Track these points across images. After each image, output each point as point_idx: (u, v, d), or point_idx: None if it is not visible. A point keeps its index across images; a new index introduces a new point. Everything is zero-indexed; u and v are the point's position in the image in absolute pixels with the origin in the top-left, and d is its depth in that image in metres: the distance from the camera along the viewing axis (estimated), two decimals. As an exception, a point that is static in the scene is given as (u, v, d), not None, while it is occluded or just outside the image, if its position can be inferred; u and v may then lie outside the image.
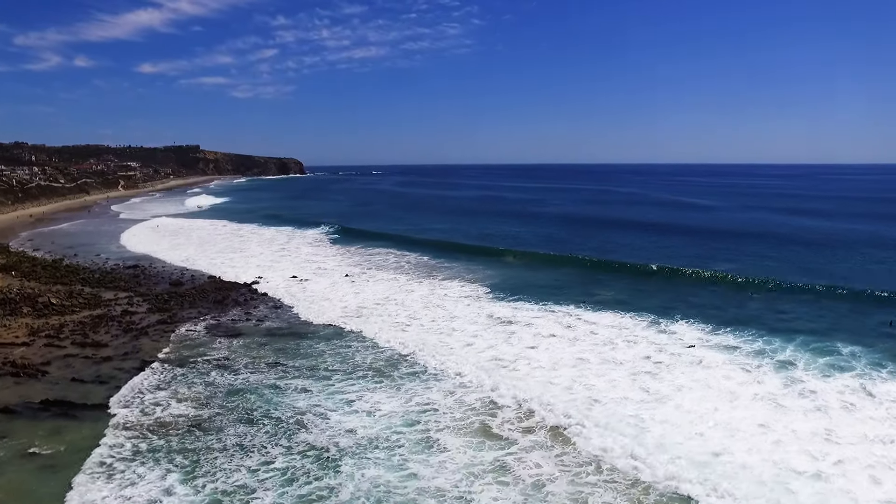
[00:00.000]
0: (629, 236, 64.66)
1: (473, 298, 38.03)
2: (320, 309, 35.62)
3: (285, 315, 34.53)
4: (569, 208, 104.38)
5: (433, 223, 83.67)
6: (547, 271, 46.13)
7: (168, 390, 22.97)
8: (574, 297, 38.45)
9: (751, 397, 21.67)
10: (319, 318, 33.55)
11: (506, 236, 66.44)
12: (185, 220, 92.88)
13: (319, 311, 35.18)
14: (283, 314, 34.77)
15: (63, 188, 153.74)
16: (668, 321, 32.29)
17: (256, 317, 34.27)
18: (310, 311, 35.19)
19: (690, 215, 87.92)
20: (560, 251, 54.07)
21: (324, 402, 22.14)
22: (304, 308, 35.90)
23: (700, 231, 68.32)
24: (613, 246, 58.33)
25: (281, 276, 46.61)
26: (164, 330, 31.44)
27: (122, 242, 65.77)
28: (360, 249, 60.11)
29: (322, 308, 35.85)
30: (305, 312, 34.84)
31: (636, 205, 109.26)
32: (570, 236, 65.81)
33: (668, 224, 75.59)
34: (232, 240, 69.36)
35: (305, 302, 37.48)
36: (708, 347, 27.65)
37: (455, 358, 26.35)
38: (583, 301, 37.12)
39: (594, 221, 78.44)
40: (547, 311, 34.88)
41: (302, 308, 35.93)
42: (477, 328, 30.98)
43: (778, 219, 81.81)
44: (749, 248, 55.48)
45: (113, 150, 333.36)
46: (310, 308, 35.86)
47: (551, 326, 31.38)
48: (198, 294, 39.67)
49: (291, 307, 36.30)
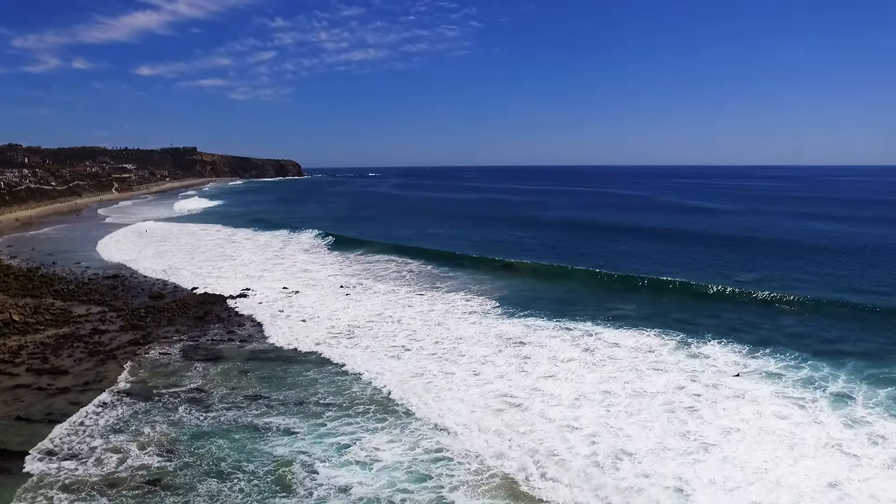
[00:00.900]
0: (640, 244, 61.25)
1: (480, 314, 34.69)
2: (311, 327, 32.26)
3: (272, 334, 31.13)
4: (573, 213, 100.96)
5: (434, 227, 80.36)
6: (558, 282, 42.80)
7: (126, 433, 19.60)
8: (590, 312, 35.15)
9: (813, 444, 18.33)
10: (309, 339, 30.17)
11: (511, 243, 63.11)
12: (176, 225, 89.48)
13: (309, 329, 31.82)
14: (269, 333, 31.38)
15: (54, 191, 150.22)
16: (697, 341, 29.02)
17: (240, 336, 30.90)
18: (299, 329, 31.82)
19: (701, 220, 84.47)
20: (569, 260, 50.73)
21: (311, 447, 18.79)
22: (293, 326, 32.53)
23: (714, 237, 64.75)
24: (624, 254, 54.93)
25: (271, 287, 43.27)
26: (135, 352, 28.07)
27: (105, 249, 62.34)
28: (357, 257, 56.83)
29: (313, 326, 32.49)
30: (294, 331, 31.47)
31: (643, 209, 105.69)
32: (578, 243, 62.49)
33: (678, 230, 71.99)
34: (223, 246, 66.05)
35: (295, 318, 34.12)
36: (748, 375, 24.35)
37: (459, 394, 22.95)
38: (600, 317, 33.83)
39: (601, 227, 74.90)
40: (562, 328, 31.57)
41: (291, 326, 32.56)
42: (486, 352, 27.61)
43: (793, 224, 78.44)
44: (769, 257, 52.13)
45: (109, 153, 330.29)
46: (299, 326, 32.50)
47: (568, 349, 28.05)
48: (178, 309, 36.30)
49: (279, 325, 32.91)
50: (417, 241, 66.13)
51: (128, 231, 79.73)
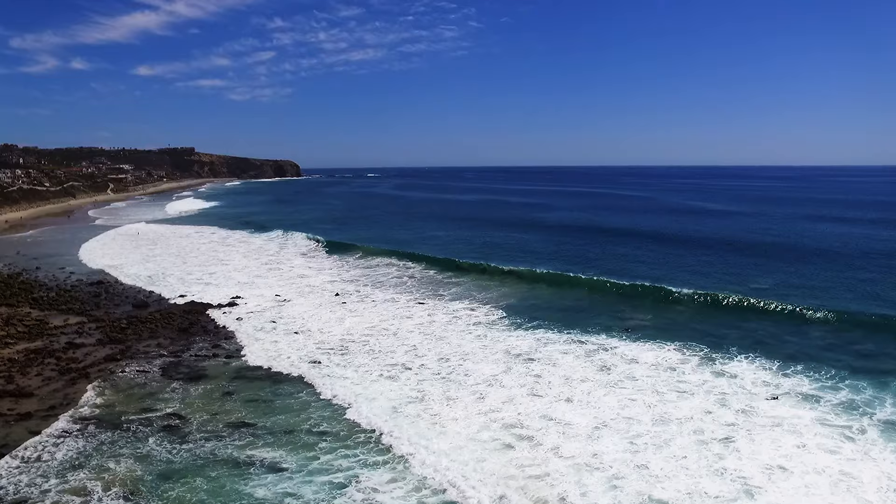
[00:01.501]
0: (648, 248, 58.77)
1: (486, 325, 32.38)
2: (302, 341, 29.91)
3: (260, 349, 28.79)
4: (576, 215, 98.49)
5: (434, 230, 78.07)
6: (566, 290, 40.44)
7: (88, 468, 17.28)
8: (603, 323, 32.87)
9: (872, 487, 16.02)
10: (300, 355, 27.86)
11: (514, 247, 60.77)
12: (169, 227, 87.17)
13: (301, 344, 29.48)
14: (257, 348, 29.02)
15: (47, 192, 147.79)
16: (722, 356, 26.80)
17: (226, 351, 28.57)
18: (290, 344, 29.48)
19: (709, 223, 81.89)
20: (577, 266, 48.37)
21: (301, 488, 16.50)
22: (284, 340, 30.18)
23: (724, 241, 62.24)
24: (632, 259, 52.44)
25: (263, 294, 40.97)
26: (111, 370, 25.74)
27: (91, 253, 59.94)
28: (355, 261, 54.54)
29: (304, 340, 30.14)
30: (285, 346, 29.14)
31: (647, 212, 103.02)
32: (584, 248, 60.10)
33: (687, 234, 69.34)
34: (216, 250, 63.72)
35: (286, 331, 31.78)
36: (784, 397, 22.06)
37: (462, 425, 20.60)
38: (614, 329, 31.56)
39: (606, 231, 72.25)
40: (574, 341, 29.28)
41: (281, 340, 30.22)
42: (493, 370, 25.28)
43: (803, 226, 76.12)
44: (784, 262, 49.77)
45: (106, 153, 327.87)
46: (290, 341, 30.15)
47: (583, 366, 25.75)
48: (162, 319, 33.97)
49: (268, 339, 30.57)
50: (418, 244, 63.88)
51: (117, 234, 77.36)
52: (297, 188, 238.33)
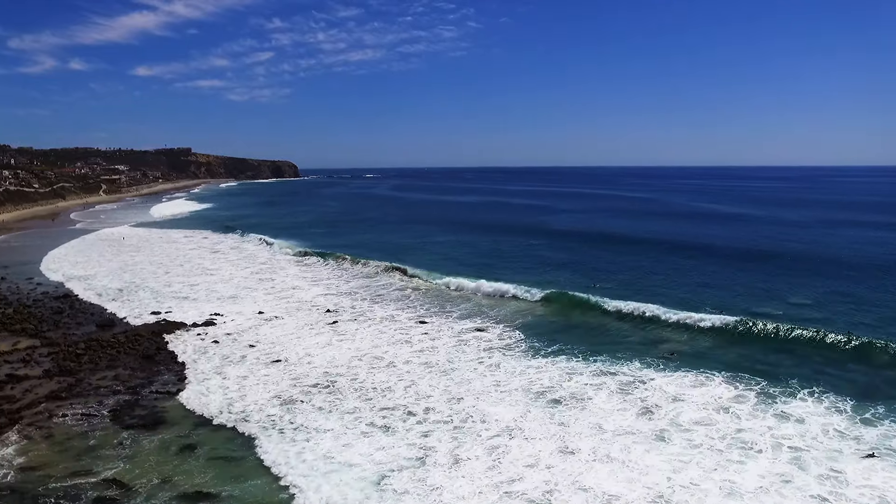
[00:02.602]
0: (668, 258, 53.64)
1: (500, 351, 28.04)
2: (279, 376, 25.42)
3: (234, 385, 24.42)
4: (584, 219, 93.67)
5: (436, 235, 73.73)
6: (587, 307, 35.93)
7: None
8: (633, 347, 28.63)
9: None
10: (276, 393, 23.51)
11: (524, 256, 56.33)
12: (157, 231, 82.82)
13: (278, 378, 25.01)
14: (231, 383, 24.67)
15: (35, 193, 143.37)
16: (781, 392, 22.67)
17: (192, 388, 24.19)
18: (265, 379, 25.02)
19: (727, 229, 76.43)
20: (594, 279, 43.90)
21: None
22: (255, 374, 25.74)
23: (748, 251, 56.78)
24: (652, 272, 47.36)
25: (246, 311, 36.66)
26: (51, 412, 21.42)
27: (65, 261, 55.53)
28: (352, 270, 50.14)
29: (281, 375, 25.66)
30: (253, 384, 24.66)
31: (658, 216, 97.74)
32: (598, 257, 55.33)
33: (706, 242, 63.73)
34: (203, 257, 59.37)
35: (262, 361, 27.33)
36: (879, 453, 17.76)
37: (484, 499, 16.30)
38: (647, 355, 27.31)
39: (620, 239, 66.15)
40: (604, 373, 24.99)
41: (252, 374, 25.77)
42: (512, 414, 20.93)
43: (825, 232, 71.59)
44: (819, 275, 44.47)
45: (102, 154, 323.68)
46: (266, 374, 25.71)
47: (619, 408, 21.44)
48: (126, 343, 29.61)
49: (237, 371, 26.14)
50: (419, 251, 59.62)
51: (98, 238, 72.92)
52: (294, 189, 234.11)
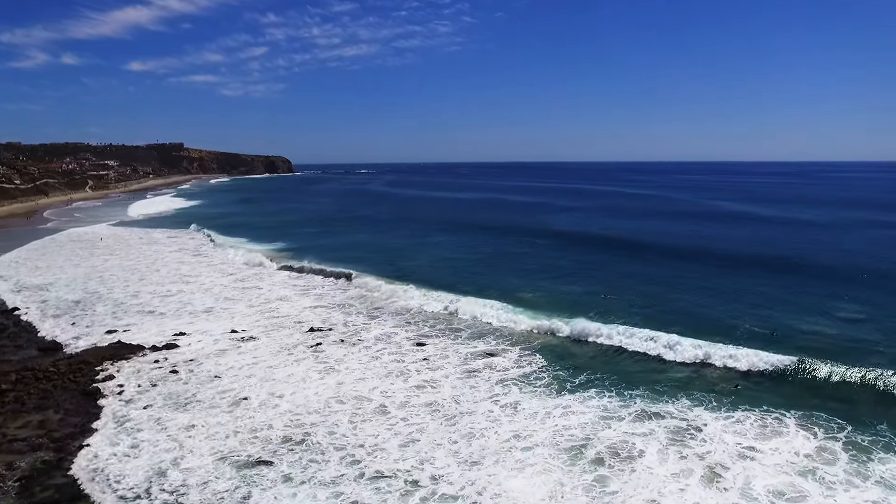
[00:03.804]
0: (691, 267, 46.55)
1: (518, 384, 23.14)
2: (236, 426, 20.30)
3: (175, 440, 19.28)
4: (586, 220, 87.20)
5: (435, 235, 68.63)
6: (613, 324, 30.99)
7: None
8: (676, 378, 23.80)
9: None
10: (228, 452, 18.46)
11: (530, 262, 51.11)
12: (138, 231, 77.47)
13: (229, 430, 19.80)
14: (172, 436, 19.54)
15: (16, 190, 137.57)
16: (872, 441, 18.14)
17: (130, 440, 19.14)
18: (220, 428, 19.87)
19: (744, 231, 69.97)
20: (609, 289, 38.54)
21: None
22: (214, 419, 20.63)
23: (773, 256, 49.90)
24: (679, 286, 39.80)
25: (218, 329, 31.65)
26: (-56, 482, 16.43)
27: (26, 266, 50.30)
28: (343, 281, 44.89)
29: (240, 421, 20.53)
30: (212, 432, 19.58)
31: (668, 217, 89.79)
32: (609, 264, 49.35)
33: (726, 246, 56.59)
34: (182, 261, 54.17)
35: (221, 401, 22.15)
36: None
37: None
38: (694, 389, 22.55)
39: (634, 244, 59.39)
40: (646, 414, 20.23)
41: (201, 422, 20.58)
42: (543, 489, 15.98)
43: (859, 236, 66.09)
44: (865, 287, 38.36)
45: (92, 149, 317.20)
46: (212, 426, 20.43)
47: (675, 469, 16.65)
48: (68, 373, 24.62)
49: (183, 420, 20.96)
50: (416, 254, 54.64)
51: (70, 239, 67.51)
52: (288, 185, 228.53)
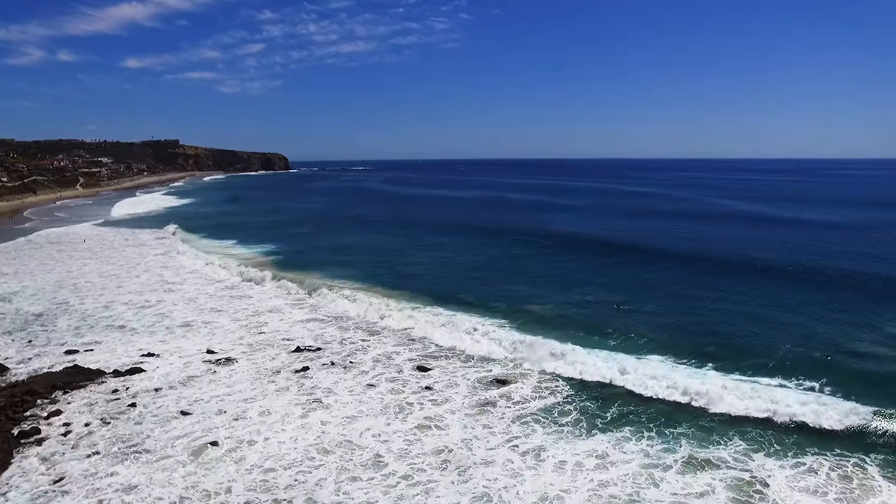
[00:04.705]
0: (710, 277, 41.76)
1: (539, 421, 19.48)
2: (199, 479, 16.56)
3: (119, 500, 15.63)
4: (590, 221, 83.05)
5: (435, 236, 64.89)
6: (639, 342, 27.38)
7: None
8: (722, 413, 20.15)
9: None
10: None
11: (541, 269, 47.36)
12: (124, 232, 73.62)
13: (188, 487, 16.13)
14: (113, 499, 15.84)
15: (2, 188, 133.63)
16: None
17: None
18: (164, 492, 16.21)
19: (757, 233, 64.84)
20: (629, 304, 34.43)
21: None
22: (164, 474, 16.85)
23: (807, 269, 43.03)
24: (700, 300, 35.17)
25: (192, 348, 27.96)
26: None
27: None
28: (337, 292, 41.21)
29: (203, 476, 16.82)
30: (156, 499, 15.89)
31: (674, 217, 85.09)
32: (623, 272, 45.51)
33: (743, 252, 51.06)
34: (167, 265, 50.41)
35: (186, 442, 18.46)
36: None
37: None
38: (745, 425, 18.93)
39: (640, 249, 54.24)
40: (699, 463, 16.64)
41: (159, 472, 16.85)
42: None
43: (885, 240, 62.09)
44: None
45: (86, 146, 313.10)
46: (173, 477, 16.72)
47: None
48: (7, 406, 20.87)
49: (140, 473, 17.30)
50: (417, 257, 51.00)
51: (49, 241, 63.60)
52: (283, 183, 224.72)
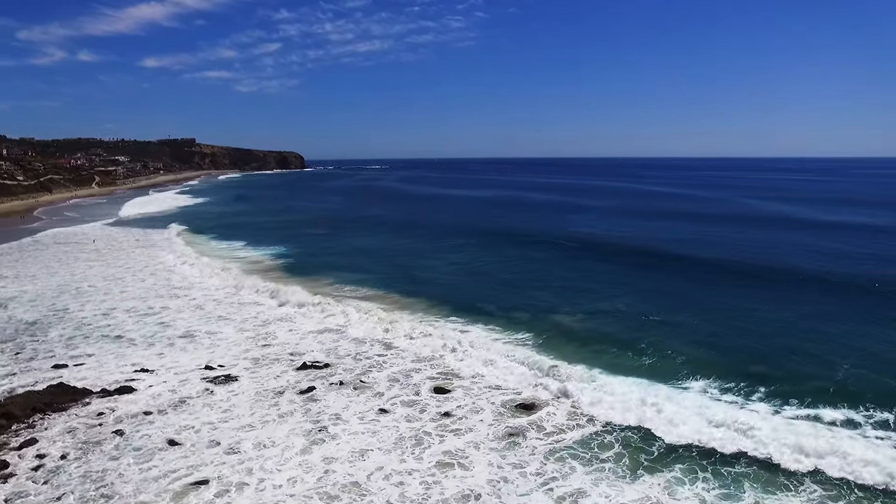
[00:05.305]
0: (753, 289, 37.29)
1: (576, 457, 16.74)
2: None
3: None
4: (618, 223, 79.40)
5: (452, 238, 62.27)
6: (694, 383, 24.30)
7: None
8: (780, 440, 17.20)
9: None
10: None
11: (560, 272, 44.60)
12: (135, 232, 71.90)
13: None
14: None
15: (18, 187, 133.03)
16: None
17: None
18: None
19: (812, 240, 58.26)
20: (664, 316, 31.32)
21: None
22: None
23: (873, 281, 38.50)
24: (744, 313, 31.80)
25: (191, 363, 25.55)
26: None
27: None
28: (350, 294, 38.79)
29: None
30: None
31: (709, 221, 77.86)
32: (655, 281, 42.19)
33: (792, 262, 45.37)
34: (172, 270, 48.08)
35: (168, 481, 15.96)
36: None
37: None
38: (854, 495, 15.98)
39: (672, 256, 49.89)
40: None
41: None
42: None
43: None
44: None
45: (104, 144, 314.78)
46: None
47: None
48: (-18, 438, 18.57)
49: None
50: (434, 261, 48.35)
51: (56, 241, 61.81)
52: (298, 182, 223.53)
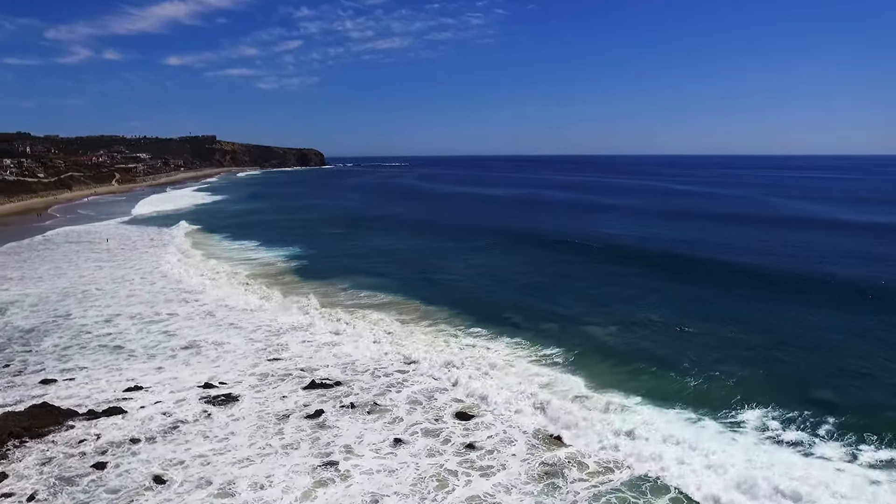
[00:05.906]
0: (810, 306, 32.76)
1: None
2: None
3: None
4: (647, 225, 74.25)
5: (473, 239, 59.63)
6: (750, 413, 21.47)
7: None
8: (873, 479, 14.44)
9: None
10: None
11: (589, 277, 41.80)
12: (150, 231, 70.54)
13: None
14: None
15: (38, 184, 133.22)
16: None
17: None
18: None
19: (862, 245, 53.52)
20: (702, 330, 28.54)
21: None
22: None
23: None
24: (802, 334, 27.93)
25: (190, 379, 23.44)
26: None
27: None
28: (366, 304, 36.47)
29: None
30: None
31: (742, 222, 73.70)
32: (690, 292, 38.23)
33: (848, 273, 40.87)
34: (186, 272, 46.19)
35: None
36: None
37: None
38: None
39: (709, 263, 45.44)
40: None
41: None
42: None
43: None
44: None
45: (126, 141, 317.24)
46: None
47: None
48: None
49: None
50: (455, 264, 45.78)
51: (68, 240, 60.41)
52: (317, 179, 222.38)
